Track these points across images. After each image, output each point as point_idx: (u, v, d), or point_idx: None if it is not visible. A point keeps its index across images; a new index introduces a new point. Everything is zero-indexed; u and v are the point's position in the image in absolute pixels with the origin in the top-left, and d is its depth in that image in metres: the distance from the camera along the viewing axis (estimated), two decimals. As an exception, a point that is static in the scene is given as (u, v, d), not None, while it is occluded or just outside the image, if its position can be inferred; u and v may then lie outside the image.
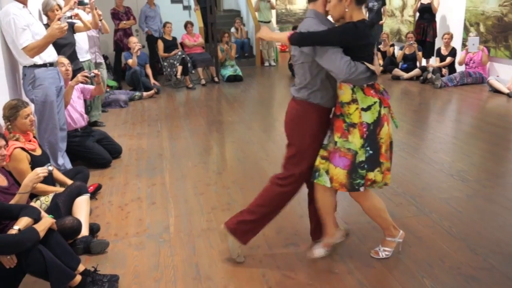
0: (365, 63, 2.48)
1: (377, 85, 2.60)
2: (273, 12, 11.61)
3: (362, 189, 2.60)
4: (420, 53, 8.76)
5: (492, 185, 3.89)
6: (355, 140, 2.54)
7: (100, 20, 6.37)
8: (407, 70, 8.73)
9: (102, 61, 6.82)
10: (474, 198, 3.64)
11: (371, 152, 2.55)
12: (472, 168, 4.25)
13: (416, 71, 8.58)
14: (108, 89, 7.49)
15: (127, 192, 3.99)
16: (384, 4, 10.64)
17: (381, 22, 10.68)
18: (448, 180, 4.01)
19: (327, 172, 2.64)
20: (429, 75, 8.10)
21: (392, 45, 9.56)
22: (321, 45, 2.46)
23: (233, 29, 11.05)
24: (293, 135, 2.71)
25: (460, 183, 3.92)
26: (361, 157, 2.54)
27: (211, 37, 9.20)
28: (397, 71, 8.75)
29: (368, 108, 2.53)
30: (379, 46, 9.77)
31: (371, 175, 2.57)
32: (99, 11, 6.07)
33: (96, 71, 4.77)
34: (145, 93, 7.74)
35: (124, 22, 8.74)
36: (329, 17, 2.63)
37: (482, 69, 8.03)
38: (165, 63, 8.69)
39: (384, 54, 9.45)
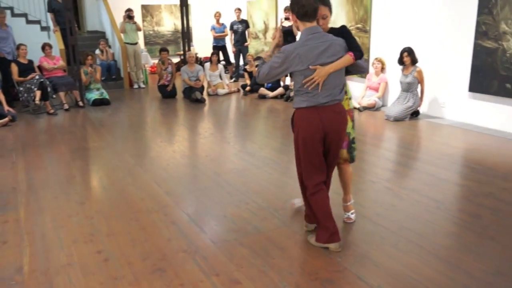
0: None
1: None
2: (140, 33, 11.46)
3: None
4: (282, 73, 9.31)
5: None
6: (349, 124, 3.34)
7: None
8: (271, 89, 9.22)
9: None
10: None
11: (354, 129, 3.47)
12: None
13: (280, 90, 9.11)
14: (-49, 119, 6.69)
15: (-27, 234, 3.57)
16: (247, 27, 11.19)
17: (246, 43, 11.20)
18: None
19: None
20: (292, 94, 8.65)
21: (257, 66, 10.00)
22: None
23: (98, 51, 10.65)
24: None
25: (318, 193, 4.22)
26: (352, 134, 3.44)
27: (73, 60, 8.76)
28: (263, 90, 9.19)
29: (351, 98, 3.41)
30: (245, 67, 10.19)
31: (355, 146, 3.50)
32: None
33: None
34: (-3, 122, 7.05)
35: (-30, 44, 7.93)
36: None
37: (337, 86, 8.80)
38: (21, 88, 8.03)
39: (250, 74, 9.87)
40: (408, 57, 6.98)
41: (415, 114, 7.19)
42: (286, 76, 9.37)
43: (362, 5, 8.23)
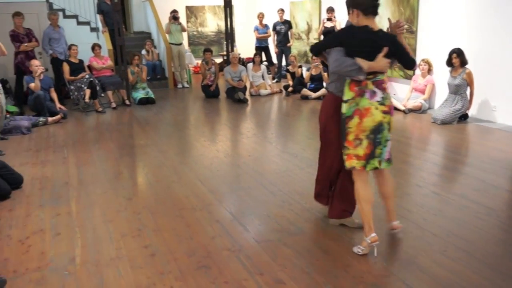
0: (357, 58, 2.97)
1: (366, 82, 3.02)
2: (185, 34, 11.66)
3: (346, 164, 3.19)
4: (325, 74, 9.25)
5: (391, 196, 4.18)
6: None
7: (-3, 43, 6.02)
8: (314, 90, 9.17)
9: None
10: (374, 209, 3.88)
11: (342, 137, 3.16)
12: (372, 181, 4.52)
13: (323, 91, 9.03)
14: (8, 115, 7.03)
15: (28, 225, 3.75)
16: (290, 27, 11.17)
17: (288, 44, 11.18)
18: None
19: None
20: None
21: (300, 66, 9.98)
22: None
23: (144, 51, 10.93)
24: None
25: (363, 195, 4.17)
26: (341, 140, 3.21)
27: (121, 60, 9.02)
28: (305, 91, 9.15)
29: (346, 101, 3.07)
30: (288, 67, 10.18)
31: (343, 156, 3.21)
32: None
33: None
34: (50, 118, 7.36)
35: (26, 44, 8.31)
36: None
37: (382, 88, 8.65)
38: (72, 87, 8.35)
39: (293, 75, 9.85)
40: (457, 59, 6.77)
41: (463, 117, 6.96)
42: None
43: (408, 5, 8.05)
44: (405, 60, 3.15)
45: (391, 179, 3.38)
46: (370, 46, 3.00)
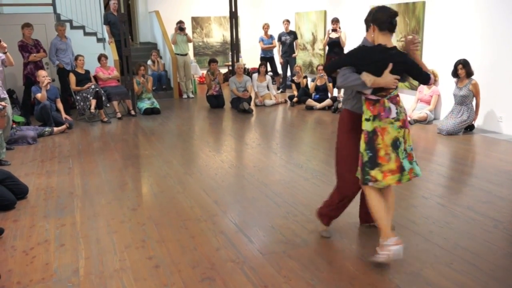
0: (363, 73, 3.01)
1: (384, 101, 3.06)
2: (190, 45, 11.72)
3: (370, 183, 3.11)
4: (330, 84, 9.26)
5: (396, 207, 4.15)
6: (362, 144, 3.15)
7: (5, 53, 6.08)
8: (319, 101, 9.16)
9: (6, 96, 6.42)
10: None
11: (370, 154, 3.09)
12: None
13: (327, 101, 9.04)
14: (14, 125, 7.06)
15: (33, 235, 3.74)
16: (296, 38, 11.21)
17: (293, 55, 11.22)
18: (357, 205, 4.20)
19: None
20: (340, 105, 8.56)
21: (305, 77, 10.01)
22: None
23: (149, 62, 10.99)
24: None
25: (368, 207, 4.14)
26: (365, 158, 3.11)
27: (127, 70, 9.07)
28: (310, 102, 9.16)
29: (368, 119, 3.11)
30: (293, 78, 10.20)
31: (373, 173, 3.09)
32: (3, 44, 5.79)
33: (3, 103, 4.54)
34: (56, 129, 7.39)
35: (35, 54, 8.37)
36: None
37: (387, 98, 8.64)
38: (78, 97, 8.40)
39: (298, 85, 9.86)
40: (463, 70, 6.75)
41: (469, 128, 6.93)
42: (334, 87, 9.29)
43: (414, 15, 8.07)
44: (418, 76, 3.23)
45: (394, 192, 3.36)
46: (382, 65, 3.04)
